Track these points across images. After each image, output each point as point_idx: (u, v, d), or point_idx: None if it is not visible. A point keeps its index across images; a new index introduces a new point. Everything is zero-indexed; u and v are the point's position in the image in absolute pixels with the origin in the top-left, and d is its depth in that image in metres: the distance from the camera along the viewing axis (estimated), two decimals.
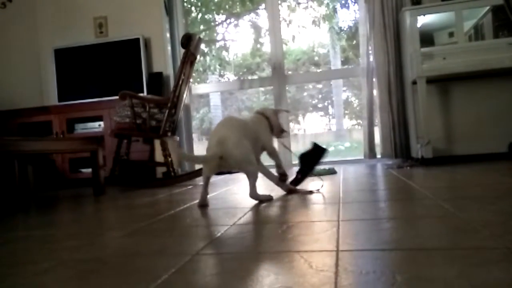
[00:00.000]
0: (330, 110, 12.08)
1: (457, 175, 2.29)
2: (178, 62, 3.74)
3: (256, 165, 1.79)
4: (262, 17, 8.75)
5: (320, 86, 11.59)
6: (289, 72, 8.61)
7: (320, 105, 12.40)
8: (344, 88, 11.34)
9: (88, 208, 2.14)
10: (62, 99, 3.87)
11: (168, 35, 3.94)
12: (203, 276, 0.81)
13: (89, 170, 2.76)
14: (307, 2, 8.71)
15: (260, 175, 1.83)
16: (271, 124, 1.96)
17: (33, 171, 3.14)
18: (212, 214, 1.60)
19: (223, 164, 1.71)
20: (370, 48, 3.54)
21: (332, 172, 2.82)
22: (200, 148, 4.78)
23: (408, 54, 3.07)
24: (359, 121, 11.35)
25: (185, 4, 4.33)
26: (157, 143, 3.13)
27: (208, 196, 1.82)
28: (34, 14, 4.16)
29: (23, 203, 2.55)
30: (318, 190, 1.96)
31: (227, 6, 8.38)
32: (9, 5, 4.03)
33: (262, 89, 9.76)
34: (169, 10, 3.97)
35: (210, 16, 8.21)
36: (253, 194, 1.75)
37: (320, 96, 12.12)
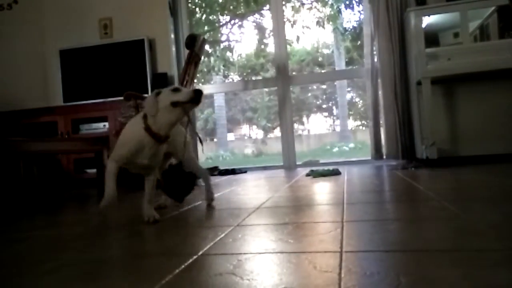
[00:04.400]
0: (335, 111, 12.07)
1: (462, 177, 2.28)
2: (183, 63, 3.75)
3: None
4: (266, 17, 8.76)
5: (324, 86, 11.59)
6: (293, 73, 8.62)
7: (324, 106, 12.40)
8: (349, 89, 11.33)
9: (93, 208, 2.15)
10: (67, 99, 3.89)
11: (172, 36, 3.95)
12: (208, 276, 0.82)
13: (94, 170, 2.77)
14: (311, 3, 8.71)
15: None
16: None
17: (38, 172, 3.15)
18: (216, 214, 1.60)
19: None
20: (374, 48, 3.53)
21: (336, 173, 2.82)
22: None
23: (413, 55, 3.06)
24: (363, 121, 11.34)
25: (189, 5, 4.34)
26: None
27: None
28: (39, 16, 4.18)
29: (28, 204, 2.57)
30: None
31: (231, 7, 8.41)
32: (15, 7, 4.06)
33: (266, 89, 9.76)
34: (173, 11, 3.98)
35: (215, 17, 8.23)
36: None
37: (324, 96, 12.13)
